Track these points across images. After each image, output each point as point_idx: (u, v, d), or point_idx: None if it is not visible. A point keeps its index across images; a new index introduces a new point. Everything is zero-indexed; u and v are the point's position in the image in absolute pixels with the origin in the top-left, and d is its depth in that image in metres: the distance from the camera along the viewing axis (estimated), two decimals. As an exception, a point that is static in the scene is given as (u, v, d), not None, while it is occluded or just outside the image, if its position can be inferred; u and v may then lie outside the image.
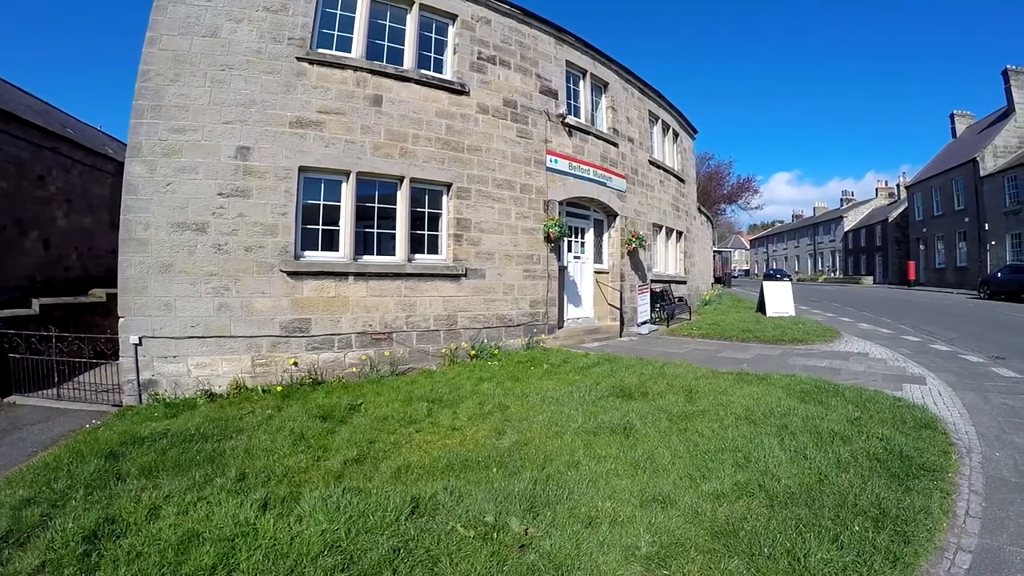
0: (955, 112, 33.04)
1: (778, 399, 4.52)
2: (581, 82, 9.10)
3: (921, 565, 2.36)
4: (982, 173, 24.71)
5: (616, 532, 2.43)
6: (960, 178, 26.85)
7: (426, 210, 6.70)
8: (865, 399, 4.61)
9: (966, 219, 26.32)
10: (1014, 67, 25.34)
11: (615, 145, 9.69)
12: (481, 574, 2.13)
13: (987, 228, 24.34)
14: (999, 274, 19.08)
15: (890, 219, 37.31)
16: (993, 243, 23.91)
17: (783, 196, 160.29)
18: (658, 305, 11.00)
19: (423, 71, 6.67)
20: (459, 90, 6.92)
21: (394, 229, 6.35)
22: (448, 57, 7.00)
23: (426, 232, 6.72)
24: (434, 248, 6.79)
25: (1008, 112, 25.81)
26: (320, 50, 5.84)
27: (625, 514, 2.60)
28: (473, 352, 6.68)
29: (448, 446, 3.61)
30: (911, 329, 10.25)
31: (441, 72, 6.92)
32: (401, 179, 6.34)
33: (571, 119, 8.54)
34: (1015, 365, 6.62)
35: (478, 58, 7.19)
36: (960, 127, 32.62)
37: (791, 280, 39.69)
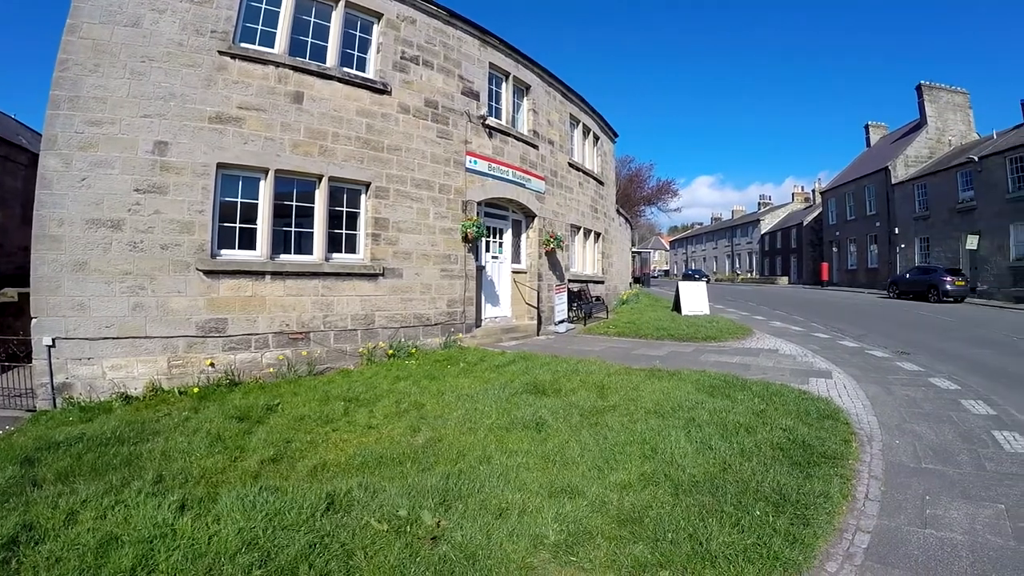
0: (870, 123, 40.27)
1: (687, 394, 5.42)
2: (504, 84, 10.53)
3: (820, 546, 2.83)
4: (894, 181, 30.34)
5: (525, 522, 2.87)
6: (872, 185, 32.74)
7: (344, 209, 7.72)
8: (771, 392, 5.52)
9: (877, 223, 32.12)
10: (928, 83, 31.40)
11: (535, 147, 11.25)
12: (394, 566, 2.50)
13: (897, 232, 29.87)
14: (907, 275, 23.68)
15: (805, 223, 44.32)
16: (903, 246, 29.39)
17: (705, 199, 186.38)
18: (575, 304, 12.81)
19: (346, 69, 7.66)
20: (381, 89, 7.98)
21: (312, 228, 7.32)
22: (372, 56, 8.04)
23: (344, 231, 7.74)
24: (352, 247, 7.83)
25: (920, 125, 31.80)
26: (243, 45, 6.64)
27: (534, 505, 3.07)
28: (391, 351, 7.83)
29: (364, 444, 4.17)
30: (822, 327, 12.59)
31: (364, 71, 7.96)
32: (320, 178, 7.30)
33: (492, 121, 9.91)
34: (919, 360, 8.17)
35: (401, 58, 8.30)
36: (874, 137, 39.78)
37: (708, 280, 46.94)
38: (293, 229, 7.18)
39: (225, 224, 6.50)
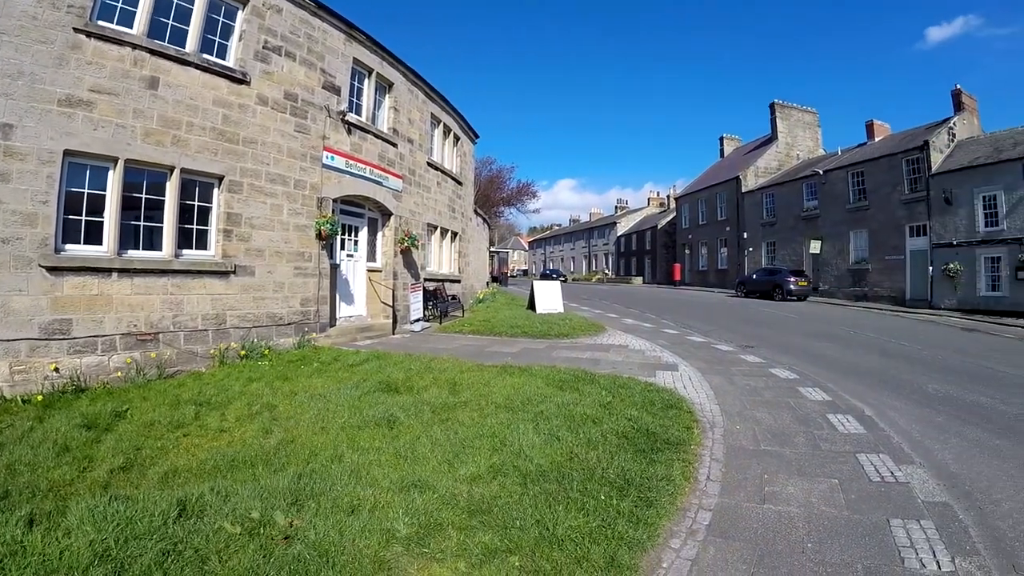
0: (725, 136, 50.08)
1: (537, 388, 6.43)
2: (366, 80, 11.96)
3: (664, 524, 3.54)
4: (744, 189, 38.11)
5: (377, 517, 3.33)
6: (725, 192, 40.64)
7: (196, 203, 8.60)
8: (618, 385, 6.66)
9: (728, 228, 39.98)
10: (781, 102, 40.73)
11: (394, 145, 12.81)
12: (248, 568, 2.82)
13: (746, 236, 37.52)
14: (754, 276, 30.13)
15: (660, 226, 53.06)
16: (751, 249, 36.91)
17: (567, 202, 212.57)
18: (431, 303, 14.66)
19: (206, 56, 8.56)
20: (240, 79, 8.97)
21: (163, 223, 8.09)
22: (233, 44, 9.01)
23: (195, 227, 8.61)
24: (203, 244, 8.72)
25: (772, 139, 40.75)
26: (100, 22, 7.27)
27: (385, 500, 3.58)
28: (243, 352, 8.85)
29: (216, 448, 4.67)
30: (672, 323, 15.33)
31: (224, 59, 8.92)
32: (172, 169, 8.12)
33: (352, 117, 11.27)
34: (761, 352, 10.21)
35: (264, 47, 9.35)
36: (728, 148, 49.55)
37: (565, 280, 55.36)
38: (142, 223, 7.91)
39: (71, 217, 7.08)
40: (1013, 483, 4.71)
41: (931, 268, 23.37)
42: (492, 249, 44.17)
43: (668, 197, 60.12)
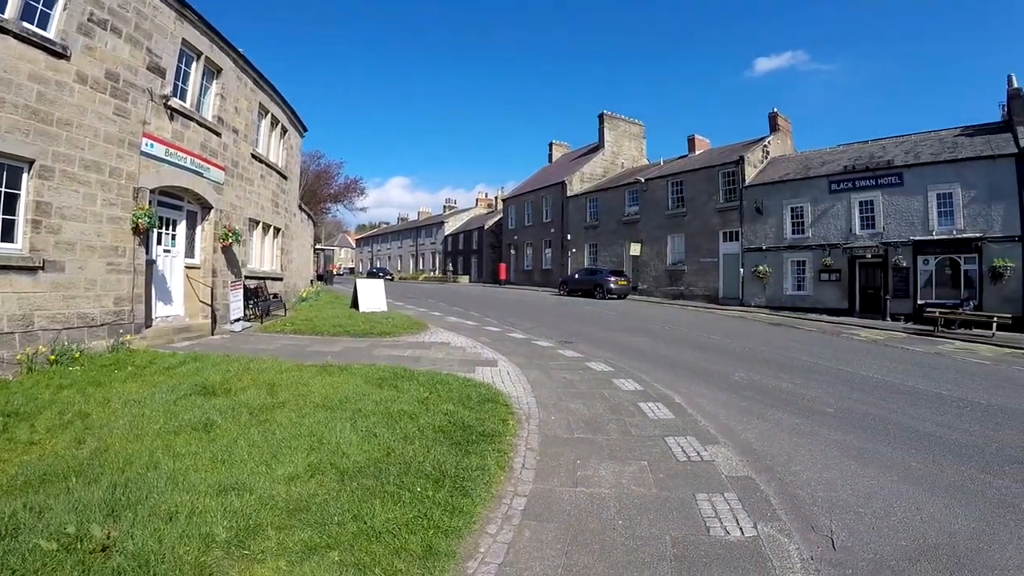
0: (553, 142, 56.32)
1: (356, 387, 6.91)
2: (194, 64, 12.21)
3: (480, 512, 3.95)
4: (569, 193, 42.96)
5: (195, 523, 3.49)
6: (550, 196, 45.38)
7: (3, 190, 8.42)
8: (436, 381, 7.28)
9: (552, 230, 44.62)
10: (609, 113, 46.94)
11: (218, 135, 13.14)
12: None
13: (570, 238, 42.12)
14: (577, 275, 34.35)
15: (487, 226, 57.52)
16: (574, 251, 41.56)
17: (399, 200, 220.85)
18: (251, 302, 15.04)
19: (25, 24, 8.44)
20: (60, 53, 8.95)
21: (-37, 211, 7.94)
22: (57, 13, 8.94)
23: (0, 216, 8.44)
24: (10, 236, 8.57)
25: (598, 147, 46.65)
26: None
27: (204, 505, 3.73)
28: (53, 357, 8.81)
29: (26, 462, 4.67)
30: (495, 321, 17.00)
31: (45, 29, 8.80)
32: (-25, 151, 7.98)
33: (176, 102, 11.50)
34: (580, 347, 11.58)
35: (89, 19, 9.39)
36: (557, 154, 55.66)
37: (391, 279, 58.53)
38: (-61, 211, 7.71)
39: None
40: (811, 456, 5.64)
41: (742, 270, 28.81)
42: (318, 246, 44.55)
43: (496, 198, 65.07)
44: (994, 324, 17.97)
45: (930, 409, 7.86)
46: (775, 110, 33.02)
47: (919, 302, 22.14)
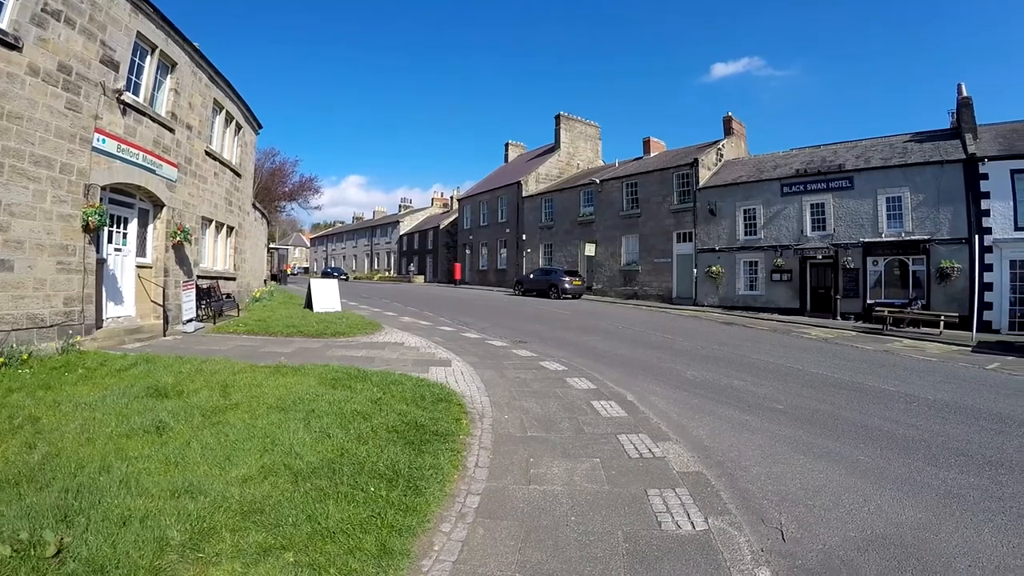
0: (509, 142, 56.88)
1: (309, 387, 6.97)
2: (149, 58, 12.06)
3: (433, 510, 4.04)
4: (525, 194, 43.51)
5: (149, 526, 3.51)
6: (506, 196, 45.88)
7: (-50, 187, 8.27)
8: (390, 381, 7.38)
9: (508, 229, 45.16)
10: (566, 114, 47.78)
11: (171, 131, 12.99)
12: None
13: (525, 238, 42.78)
14: (531, 275, 34.73)
15: (442, 226, 57.82)
16: (529, 251, 42.15)
17: (354, 199, 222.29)
18: (204, 302, 14.91)
19: (-24, 16, 8.25)
20: (12, 44, 8.78)
21: (-93, 207, 7.75)
22: (10, 3, 8.77)
23: (-54, 213, 8.27)
24: (-43, 234, 8.40)
25: (555, 148, 47.42)
26: None
27: (157, 508, 3.76)
28: (1, 360, 8.65)
29: None
30: (449, 321, 17.16)
31: (-1, 19, 8.62)
32: (-80, 146, 7.81)
33: (129, 97, 11.34)
34: (534, 347, 11.74)
35: (43, 9, 9.24)
36: (513, 154, 56.18)
37: (346, 278, 58.70)
38: None
39: None
40: (760, 452, 5.84)
41: (696, 270, 29.78)
42: (272, 246, 44.19)
43: (452, 198, 65.56)
44: (941, 323, 19.07)
45: (878, 405, 8.30)
46: (729, 114, 34.16)
47: (869, 302, 23.29)
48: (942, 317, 19.16)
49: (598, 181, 36.75)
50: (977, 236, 19.73)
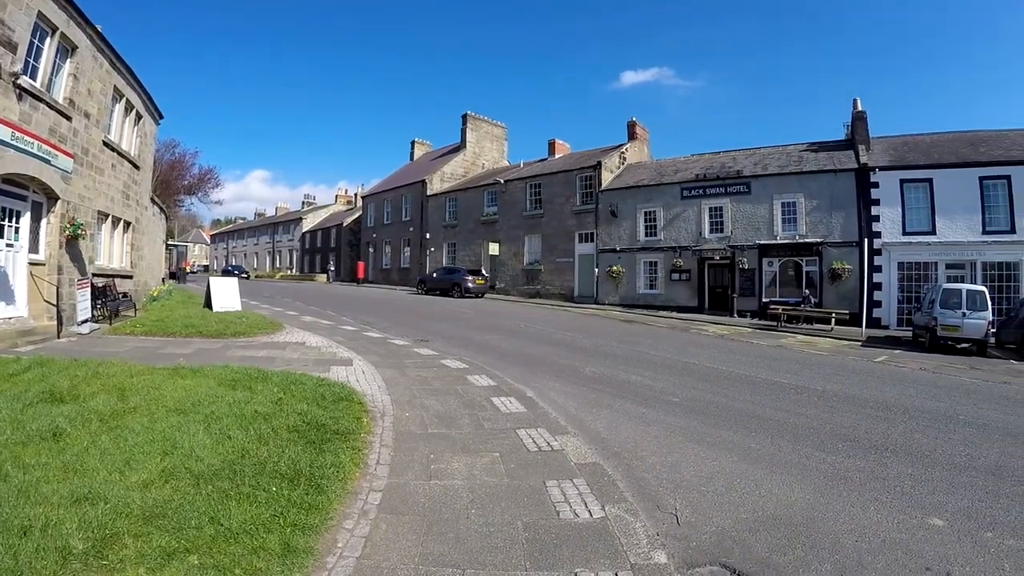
0: (415, 140, 57.10)
1: (209, 389, 6.93)
2: (48, 40, 11.62)
3: (336, 508, 4.17)
4: (429, 192, 43.87)
5: (51, 536, 3.49)
6: (410, 194, 46.06)
7: None
8: (291, 382, 7.47)
9: (411, 228, 45.37)
10: (473, 114, 48.32)
11: (69, 119, 12.51)
12: None
13: (428, 237, 43.14)
14: (435, 274, 35.14)
15: (345, 224, 56.99)
16: (432, 249, 42.60)
17: (257, 194, 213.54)
18: (100, 302, 14.41)
19: None
20: None
21: None
22: None
23: None
24: None
25: (460, 147, 47.99)
26: None
27: (58, 517, 3.72)
28: None
29: None
30: (351, 320, 17.32)
31: None
32: None
33: (26, 81, 10.86)
34: (435, 345, 12.08)
35: (-68, -13, 8.70)
36: (419, 152, 56.29)
37: (248, 277, 56.37)
38: None
39: None
40: (656, 443, 6.15)
41: (597, 270, 31.18)
42: (171, 242, 42.41)
43: (356, 195, 65.05)
44: (832, 319, 21.07)
45: (770, 396, 8.95)
46: (634, 119, 36.05)
47: (764, 300, 25.38)
48: (833, 314, 21.12)
49: (503, 181, 37.71)
50: (867, 239, 22.17)
